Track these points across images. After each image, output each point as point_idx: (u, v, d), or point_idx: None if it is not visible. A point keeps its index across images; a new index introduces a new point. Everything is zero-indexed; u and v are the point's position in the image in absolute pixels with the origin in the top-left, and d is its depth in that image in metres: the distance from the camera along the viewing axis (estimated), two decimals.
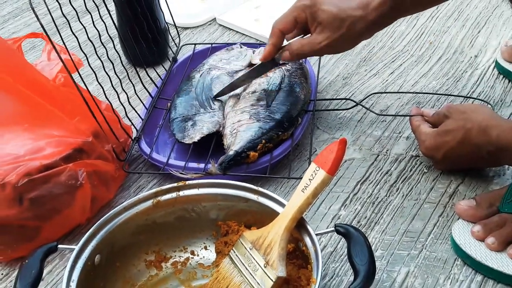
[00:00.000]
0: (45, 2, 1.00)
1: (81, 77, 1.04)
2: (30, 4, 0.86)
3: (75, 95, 1.00)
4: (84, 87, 1.03)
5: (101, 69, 1.13)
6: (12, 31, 0.93)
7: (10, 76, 0.97)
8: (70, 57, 1.01)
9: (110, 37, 1.16)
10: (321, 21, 1.02)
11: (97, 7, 1.15)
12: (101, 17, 1.13)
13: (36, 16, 0.88)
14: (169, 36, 1.41)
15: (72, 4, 1.06)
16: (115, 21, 1.22)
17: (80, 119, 1.01)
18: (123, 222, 0.90)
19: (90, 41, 1.11)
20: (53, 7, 1.01)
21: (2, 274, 0.98)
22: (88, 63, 1.07)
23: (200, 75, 1.23)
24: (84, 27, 1.13)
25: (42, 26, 0.92)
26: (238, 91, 1.18)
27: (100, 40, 1.10)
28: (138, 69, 1.25)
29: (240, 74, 1.19)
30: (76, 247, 0.85)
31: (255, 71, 1.15)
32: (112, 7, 1.22)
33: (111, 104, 1.12)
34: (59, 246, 0.85)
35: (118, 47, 1.22)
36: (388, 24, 1.08)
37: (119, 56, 1.18)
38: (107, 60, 1.17)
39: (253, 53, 1.27)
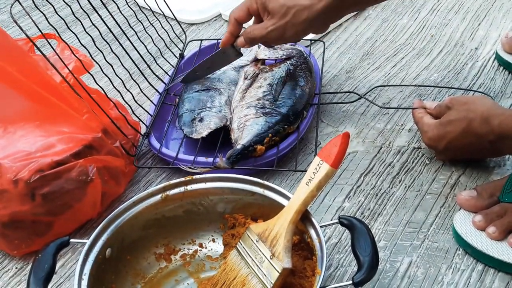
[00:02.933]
0: (49, 2, 1.02)
1: (92, 76, 1.07)
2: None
3: (84, 92, 1.02)
4: (97, 86, 1.05)
5: (109, 67, 1.16)
6: (24, 29, 0.96)
7: (21, 74, 0.98)
8: (81, 61, 1.04)
9: (114, 36, 1.18)
10: (270, 9, 1.06)
11: (104, 6, 1.17)
12: (111, 14, 1.15)
13: (45, 16, 0.90)
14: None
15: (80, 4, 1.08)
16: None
17: (90, 116, 1.03)
18: (133, 216, 0.92)
19: (103, 38, 1.13)
20: (59, 6, 1.03)
21: (16, 268, 1.00)
22: (96, 61, 1.10)
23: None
24: (94, 25, 1.15)
25: (55, 30, 0.94)
26: (244, 85, 1.19)
27: (104, 39, 1.12)
28: (144, 66, 1.27)
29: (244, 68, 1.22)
30: (88, 241, 0.87)
31: (217, 57, 1.20)
32: (113, 8, 1.24)
33: (122, 99, 1.14)
34: (71, 240, 0.87)
35: (126, 44, 1.24)
36: (336, 18, 1.11)
37: (127, 53, 1.20)
38: (114, 58, 1.19)
39: (259, 48, 1.28)
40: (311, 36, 1.44)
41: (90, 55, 1.10)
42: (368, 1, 1.21)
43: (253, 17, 1.13)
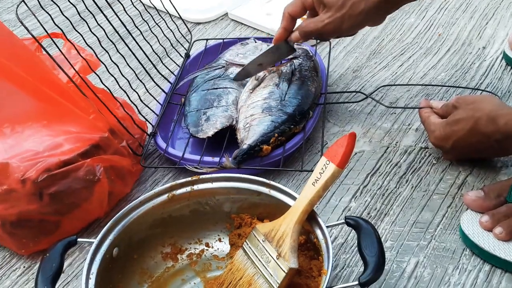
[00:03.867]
0: (55, 2, 1.02)
1: (98, 76, 1.07)
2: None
3: (91, 92, 1.03)
4: (103, 85, 1.06)
5: (115, 67, 1.16)
6: (30, 29, 0.96)
7: (28, 74, 0.99)
8: (87, 61, 1.04)
9: (120, 36, 1.19)
10: (326, 2, 1.06)
11: (110, 5, 1.18)
12: (116, 14, 1.15)
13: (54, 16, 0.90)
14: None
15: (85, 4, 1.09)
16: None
17: (96, 116, 1.03)
18: (140, 215, 0.93)
19: (109, 38, 1.13)
20: (64, 6, 1.04)
21: (24, 267, 1.00)
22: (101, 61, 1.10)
23: (218, 72, 1.25)
24: (99, 24, 1.15)
25: (61, 30, 0.94)
26: (251, 85, 1.19)
27: (110, 39, 1.12)
28: (150, 66, 1.27)
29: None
30: (95, 241, 0.87)
31: (270, 54, 1.18)
32: (118, 8, 1.24)
33: (128, 99, 1.14)
34: (79, 239, 0.87)
35: (132, 44, 1.24)
36: (392, 9, 1.09)
37: (133, 53, 1.20)
38: (120, 57, 1.19)
39: (267, 47, 1.28)
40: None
41: (96, 55, 1.11)
42: None
43: (307, 12, 1.12)
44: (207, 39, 1.42)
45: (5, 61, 0.97)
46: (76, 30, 1.11)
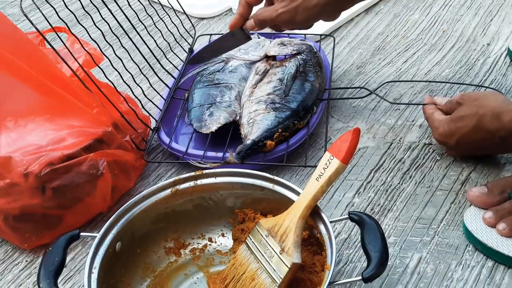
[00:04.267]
0: None
1: (102, 70, 1.07)
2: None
3: (94, 86, 1.03)
4: (106, 80, 1.05)
5: (119, 61, 1.16)
6: (34, 23, 0.96)
7: (31, 68, 0.99)
8: (90, 55, 1.04)
9: (124, 30, 1.19)
10: None
11: (114, 1, 1.18)
12: (121, 8, 1.15)
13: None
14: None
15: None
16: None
17: (100, 110, 1.03)
18: (143, 210, 0.93)
19: (113, 33, 1.13)
20: (69, 0, 1.04)
21: (26, 261, 1.00)
22: (104, 55, 1.10)
23: (218, 65, 1.25)
24: (104, 19, 1.15)
25: (65, 24, 0.94)
26: (254, 80, 1.19)
27: (114, 34, 1.12)
28: (154, 61, 1.27)
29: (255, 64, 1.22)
30: (98, 235, 0.87)
31: (226, 40, 1.18)
32: (123, 2, 1.24)
33: (132, 93, 1.14)
34: (81, 233, 0.87)
35: (136, 38, 1.24)
36: (347, 5, 1.10)
37: (137, 47, 1.20)
38: (124, 52, 1.19)
39: (270, 43, 1.28)
40: (321, 31, 1.44)
41: (100, 49, 1.10)
42: None
43: (264, 0, 1.12)
44: (211, 34, 1.42)
45: (8, 55, 0.97)
46: (81, 24, 1.11)
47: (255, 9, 1.13)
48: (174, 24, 1.40)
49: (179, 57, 1.35)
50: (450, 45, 1.40)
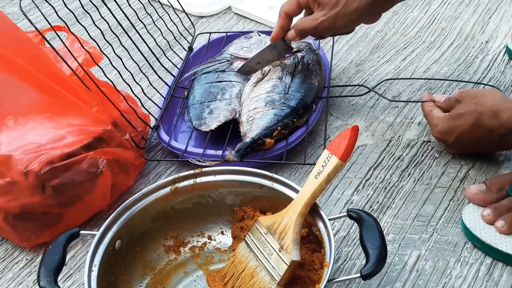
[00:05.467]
0: None
1: (101, 69, 1.07)
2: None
3: (94, 85, 1.03)
4: (106, 78, 1.06)
5: (118, 60, 1.16)
6: (33, 22, 0.96)
7: (31, 67, 0.99)
8: (90, 54, 1.04)
9: (123, 29, 1.19)
10: (320, 1, 1.06)
11: (115, 0, 1.18)
12: (120, 7, 1.15)
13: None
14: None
15: None
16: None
17: (99, 109, 1.03)
18: (142, 208, 0.93)
19: (112, 31, 1.14)
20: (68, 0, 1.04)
21: (26, 259, 1.01)
22: (104, 54, 1.10)
23: (222, 65, 1.25)
24: (103, 17, 1.15)
25: (65, 23, 0.94)
26: (255, 79, 1.19)
27: (113, 32, 1.13)
28: (153, 59, 1.27)
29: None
30: (98, 233, 0.87)
31: (267, 52, 1.18)
32: (122, 1, 1.24)
33: (132, 92, 1.15)
34: (81, 232, 0.87)
35: (136, 37, 1.24)
36: (387, 7, 1.10)
37: (136, 46, 1.20)
38: (123, 51, 1.20)
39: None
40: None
41: (100, 48, 1.11)
42: None
43: (304, 10, 1.13)
44: (210, 33, 1.42)
45: (8, 54, 0.98)
46: (80, 23, 1.11)
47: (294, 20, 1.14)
48: (174, 23, 1.40)
49: (178, 56, 1.35)
50: (449, 43, 1.41)
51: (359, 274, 0.77)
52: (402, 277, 0.92)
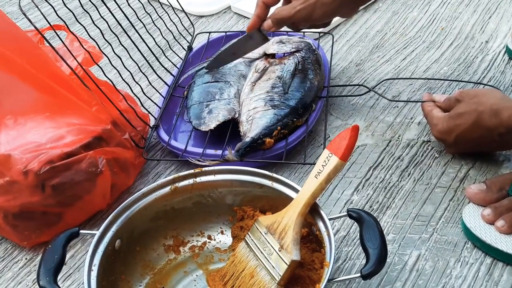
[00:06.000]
0: None
1: (101, 68, 1.07)
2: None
3: (93, 84, 1.03)
4: (106, 78, 1.06)
5: (118, 59, 1.16)
6: (32, 21, 0.96)
7: (31, 66, 0.99)
8: (89, 53, 1.04)
9: (123, 28, 1.19)
10: None
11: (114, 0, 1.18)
12: (119, 6, 1.15)
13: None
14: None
15: None
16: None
17: (99, 108, 1.03)
18: (142, 207, 0.93)
19: (111, 31, 1.13)
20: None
21: (26, 258, 1.01)
22: (103, 53, 1.10)
23: None
24: (103, 17, 1.15)
25: (64, 22, 0.94)
26: (253, 78, 1.19)
27: (113, 32, 1.12)
28: (153, 59, 1.27)
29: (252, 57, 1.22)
30: (97, 233, 0.87)
31: (243, 42, 1.18)
32: (121, 0, 1.24)
33: (131, 91, 1.14)
34: (81, 231, 0.87)
35: (135, 36, 1.24)
36: (363, 1, 1.11)
37: (136, 46, 1.20)
38: (123, 50, 1.19)
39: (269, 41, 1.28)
40: (320, 28, 1.44)
41: (99, 47, 1.11)
42: None
43: (281, 0, 1.12)
44: (209, 32, 1.42)
45: (8, 53, 0.98)
46: (79, 23, 1.11)
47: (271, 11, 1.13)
48: (173, 22, 1.40)
49: (178, 55, 1.35)
50: (449, 43, 1.40)
51: (359, 274, 0.77)
52: (402, 277, 0.92)
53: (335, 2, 1.05)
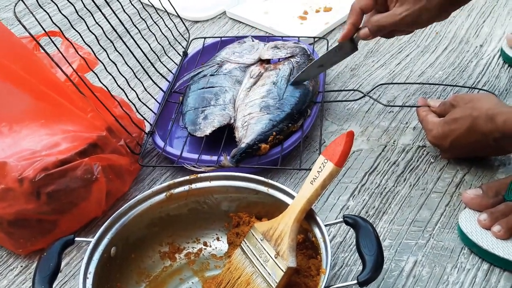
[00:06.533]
0: (53, 1, 1.03)
1: (96, 74, 1.07)
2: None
3: (88, 91, 1.03)
4: (101, 84, 1.06)
5: (113, 65, 1.16)
6: (27, 27, 0.96)
7: (26, 72, 0.98)
8: (84, 60, 1.04)
9: (118, 34, 1.18)
10: None
11: (108, 4, 1.18)
12: (114, 12, 1.15)
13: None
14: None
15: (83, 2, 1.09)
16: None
17: (94, 115, 1.03)
18: (137, 214, 0.92)
19: (107, 37, 1.13)
20: (62, 5, 1.03)
21: (21, 266, 1.00)
22: (99, 59, 1.10)
23: (212, 69, 1.25)
24: (98, 23, 1.15)
25: (59, 28, 0.94)
26: (248, 84, 1.19)
27: (108, 38, 1.12)
28: (148, 64, 1.27)
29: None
30: (93, 240, 0.87)
31: (333, 54, 1.16)
32: (116, 6, 1.24)
33: (126, 98, 1.14)
34: (76, 238, 0.87)
35: (130, 42, 1.24)
36: (462, 3, 1.09)
37: (131, 51, 1.20)
38: (118, 56, 1.19)
39: (264, 46, 1.28)
40: (314, 33, 1.44)
41: (94, 54, 1.10)
42: None
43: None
44: (205, 38, 1.42)
45: (3, 60, 0.97)
46: (74, 29, 1.10)
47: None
48: (168, 28, 1.40)
49: (173, 61, 1.35)
50: (443, 47, 1.41)
51: (356, 281, 0.77)
52: (399, 284, 0.92)
53: (437, 7, 1.03)
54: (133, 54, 1.21)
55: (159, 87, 1.25)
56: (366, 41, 1.44)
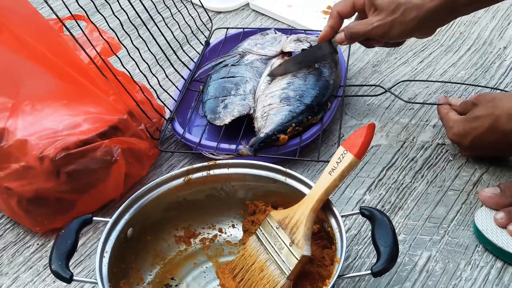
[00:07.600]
0: None
1: (119, 59, 1.08)
2: None
3: (111, 74, 1.03)
4: (123, 69, 1.06)
5: (136, 51, 1.17)
6: (54, 10, 0.97)
7: (51, 53, 0.99)
8: (108, 44, 1.05)
9: (142, 21, 1.19)
10: (377, 4, 1.02)
11: None
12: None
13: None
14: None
15: None
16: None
17: (116, 98, 1.04)
18: (155, 198, 0.93)
19: (131, 22, 1.14)
20: None
21: (37, 244, 1.01)
22: (124, 45, 1.11)
23: (234, 59, 1.25)
24: (123, 8, 1.16)
25: (85, 12, 0.95)
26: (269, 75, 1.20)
27: (132, 24, 1.13)
28: (170, 52, 1.27)
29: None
30: (110, 220, 0.88)
31: (311, 53, 1.16)
32: None
33: (148, 83, 1.15)
34: (94, 218, 0.88)
35: (154, 29, 1.25)
36: (446, 21, 1.05)
37: (154, 38, 1.21)
38: (141, 42, 1.20)
39: (286, 39, 1.28)
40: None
41: (118, 38, 1.11)
42: (482, 2, 1.06)
43: (356, 13, 1.09)
44: (227, 28, 1.42)
45: (29, 39, 0.98)
46: (100, 13, 1.11)
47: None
48: (192, 17, 1.40)
49: (195, 49, 1.35)
50: (467, 47, 1.40)
51: (370, 271, 0.77)
52: (411, 277, 0.92)
53: (414, 21, 1.00)
54: (156, 41, 1.22)
55: (180, 75, 1.26)
56: None
